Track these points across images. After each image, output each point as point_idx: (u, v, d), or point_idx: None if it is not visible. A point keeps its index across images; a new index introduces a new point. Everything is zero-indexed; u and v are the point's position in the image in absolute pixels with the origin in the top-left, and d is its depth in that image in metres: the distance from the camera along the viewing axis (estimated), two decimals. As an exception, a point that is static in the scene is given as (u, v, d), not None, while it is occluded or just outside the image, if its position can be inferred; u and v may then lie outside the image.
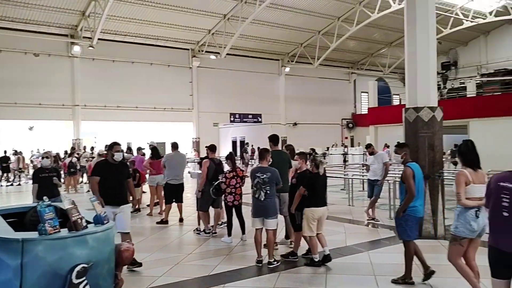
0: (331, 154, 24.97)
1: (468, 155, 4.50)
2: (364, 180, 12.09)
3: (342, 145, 28.89)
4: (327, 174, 6.41)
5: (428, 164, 7.44)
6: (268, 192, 6.07)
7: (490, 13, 27.23)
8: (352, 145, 29.96)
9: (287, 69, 30.45)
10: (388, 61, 33.49)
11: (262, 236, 6.19)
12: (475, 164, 4.44)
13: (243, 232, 7.62)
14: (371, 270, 5.79)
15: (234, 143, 31.01)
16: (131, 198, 6.73)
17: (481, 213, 4.32)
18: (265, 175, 6.09)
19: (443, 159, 8.86)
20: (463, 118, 14.16)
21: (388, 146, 13.70)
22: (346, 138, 33.54)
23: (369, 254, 6.66)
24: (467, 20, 27.60)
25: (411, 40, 7.76)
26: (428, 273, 5.20)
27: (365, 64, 34.37)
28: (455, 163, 15.65)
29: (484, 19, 27.63)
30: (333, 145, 28.69)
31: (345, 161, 24.10)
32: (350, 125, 34.13)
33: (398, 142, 5.88)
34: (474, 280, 4.42)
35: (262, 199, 6.06)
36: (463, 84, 27.23)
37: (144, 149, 13.06)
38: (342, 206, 11.27)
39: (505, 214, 3.24)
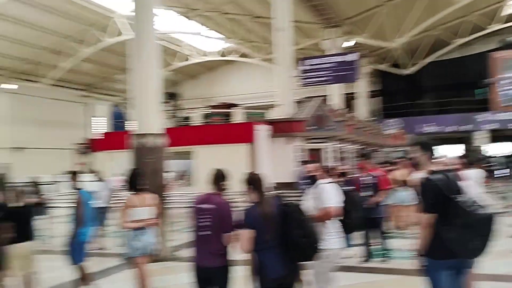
0: (62, 181, 23.08)
1: (132, 181, 4.85)
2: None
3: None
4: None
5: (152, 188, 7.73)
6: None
7: (217, 52, 30.97)
8: (92, 172, 28.47)
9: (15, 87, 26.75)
10: (125, 87, 33.68)
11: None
12: (140, 188, 4.82)
13: None
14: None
15: None
16: None
17: (146, 233, 4.72)
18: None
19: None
20: (191, 144, 15.42)
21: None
22: (82, 164, 31.75)
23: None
24: (193, 57, 30.64)
25: (136, 70, 8.01)
26: None
27: (102, 88, 33.69)
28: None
29: (207, 57, 31.16)
30: (67, 171, 26.66)
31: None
32: (86, 150, 32.53)
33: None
34: None
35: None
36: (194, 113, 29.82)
37: None
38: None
39: (201, 233, 3.63)
